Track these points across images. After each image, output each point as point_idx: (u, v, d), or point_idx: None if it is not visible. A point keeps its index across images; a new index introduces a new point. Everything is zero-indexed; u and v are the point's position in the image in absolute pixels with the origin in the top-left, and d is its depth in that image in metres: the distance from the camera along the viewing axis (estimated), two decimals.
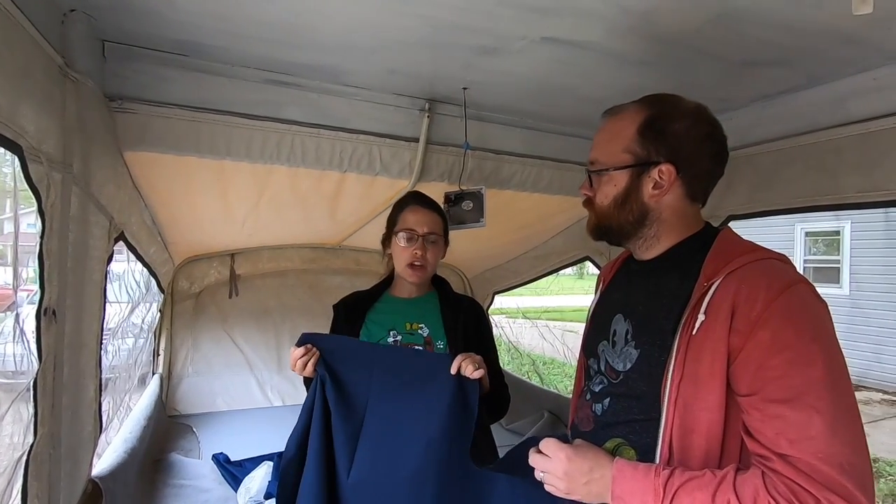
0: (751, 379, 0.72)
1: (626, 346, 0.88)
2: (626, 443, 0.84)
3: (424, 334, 1.39)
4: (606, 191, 0.90)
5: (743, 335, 0.73)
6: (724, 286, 0.77)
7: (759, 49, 1.21)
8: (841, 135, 1.36)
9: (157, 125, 1.39)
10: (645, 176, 0.87)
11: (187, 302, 2.58)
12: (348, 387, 1.19)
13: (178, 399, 2.45)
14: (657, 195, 0.87)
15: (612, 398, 0.89)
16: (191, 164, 1.50)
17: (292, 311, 2.81)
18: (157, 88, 1.38)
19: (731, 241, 0.85)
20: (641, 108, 0.89)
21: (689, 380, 0.76)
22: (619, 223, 0.90)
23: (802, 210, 1.49)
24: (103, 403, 1.38)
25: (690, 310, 0.79)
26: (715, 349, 0.74)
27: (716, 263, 0.80)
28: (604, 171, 0.90)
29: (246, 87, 1.46)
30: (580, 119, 1.80)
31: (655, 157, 0.86)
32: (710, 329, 0.75)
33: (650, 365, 0.83)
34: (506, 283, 2.94)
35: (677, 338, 0.79)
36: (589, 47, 1.23)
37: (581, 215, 2.25)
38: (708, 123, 0.87)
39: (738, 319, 0.74)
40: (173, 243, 2.15)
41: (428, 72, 1.43)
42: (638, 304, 0.91)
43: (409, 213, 1.42)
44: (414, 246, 1.37)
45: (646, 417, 0.82)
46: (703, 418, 0.75)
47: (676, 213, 0.88)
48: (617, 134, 0.89)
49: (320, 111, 1.56)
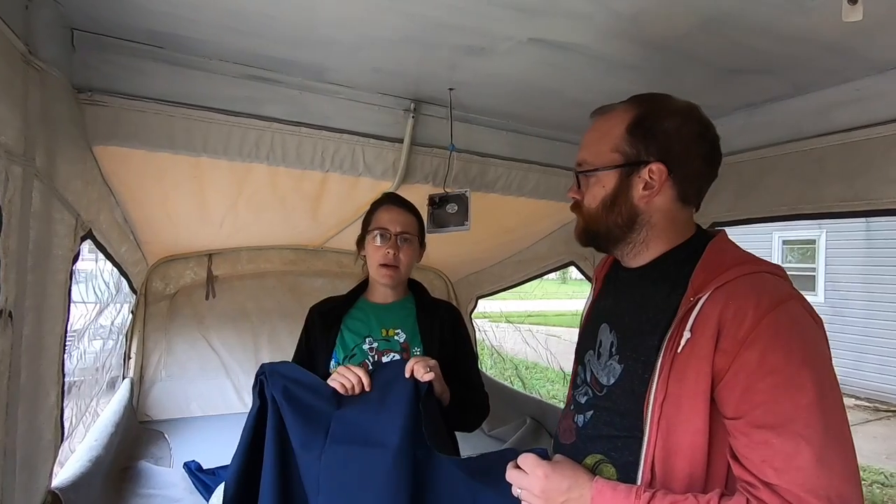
0: (737, 402, 0.69)
1: (611, 360, 0.85)
2: (607, 459, 0.81)
3: (401, 340, 1.35)
4: (595, 192, 0.87)
5: (729, 356, 0.70)
6: (711, 301, 0.73)
7: (746, 56, 1.21)
8: (824, 144, 1.37)
9: (130, 119, 1.33)
10: (635, 176, 0.83)
11: (161, 303, 2.49)
12: (309, 410, 1.15)
13: (150, 404, 2.36)
14: (647, 196, 0.83)
15: (595, 411, 0.86)
16: (165, 161, 1.44)
17: (272, 314, 2.74)
18: (130, 81, 1.32)
19: (722, 250, 0.81)
20: (631, 107, 0.86)
21: (672, 400, 0.73)
22: (606, 227, 0.86)
23: (785, 218, 1.50)
24: (66, 410, 1.31)
25: (676, 326, 0.75)
26: (699, 369, 0.71)
27: (704, 276, 0.76)
28: (592, 171, 0.87)
29: (224, 82, 1.41)
30: (566, 123, 1.79)
31: (645, 157, 0.82)
32: (695, 348, 0.72)
33: (633, 382, 0.79)
34: (490, 288, 2.92)
35: (661, 355, 0.75)
36: (577, 50, 1.21)
37: (566, 220, 2.25)
38: (699, 123, 0.85)
39: (725, 339, 0.70)
40: (147, 243, 2.08)
41: (413, 71, 1.40)
42: (624, 315, 0.87)
43: (383, 211, 1.39)
44: (386, 245, 1.34)
45: (628, 435, 0.79)
46: (686, 441, 0.72)
47: (667, 217, 0.85)
48: (606, 133, 0.86)
49: (301, 109, 1.51)
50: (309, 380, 1.17)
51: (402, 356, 1.32)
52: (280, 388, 1.15)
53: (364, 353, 1.33)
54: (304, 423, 1.13)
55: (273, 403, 1.15)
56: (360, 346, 1.33)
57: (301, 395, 1.15)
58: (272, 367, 1.18)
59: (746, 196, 1.59)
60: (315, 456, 1.11)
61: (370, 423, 1.12)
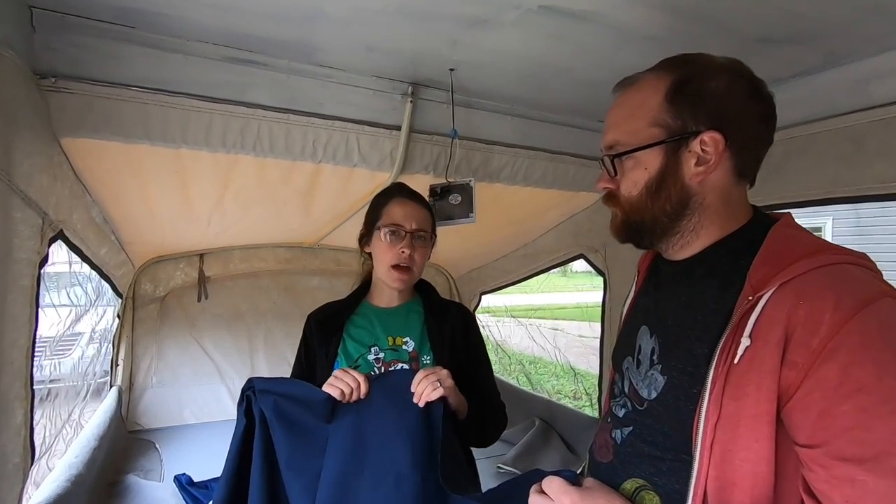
0: (812, 428, 0.55)
1: (652, 370, 0.72)
2: (650, 486, 0.69)
3: (409, 349, 1.22)
4: (635, 177, 0.73)
5: (800, 370, 0.56)
6: (776, 301, 0.59)
7: (779, 21, 1.09)
8: (861, 120, 1.25)
9: (100, 108, 1.21)
10: (683, 151, 0.69)
11: (151, 306, 2.38)
12: (303, 428, 1.04)
13: (141, 412, 2.25)
14: (702, 173, 0.69)
15: (634, 427, 0.74)
16: (142, 154, 1.32)
17: (267, 315, 2.64)
18: (99, 65, 1.20)
19: (788, 237, 0.67)
20: (663, 72, 0.72)
21: (728, 421, 0.59)
22: (653, 216, 0.72)
23: (817, 203, 1.38)
24: (37, 427, 1.19)
25: (731, 331, 0.62)
26: (762, 385, 0.58)
27: (766, 269, 0.62)
28: (628, 153, 0.72)
29: (203, 66, 1.29)
30: (575, 106, 1.67)
31: (694, 126, 0.68)
32: (755, 358, 0.58)
33: (678, 398, 0.66)
34: (493, 284, 2.80)
35: (713, 367, 0.62)
36: (591, 19, 1.09)
37: (574, 210, 2.13)
38: (749, 78, 0.71)
39: (795, 348, 0.56)
40: (131, 243, 1.96)
41: (410, 49, 1.27)
42: (666, 316, 0.74)
43: (395, 205, 1.24)
44: (400, 244, 1.19)
45: (675, 459, 0.66)
46: (746, 471, 0.58)
47: (722, 197, 0.71)
48: (639, 106, 0.72)
49: (289, 94, 1.39)
50: (302, 393, 1.05)
51: (412, 366, 1.20)
52: (270, 404, 1.03)
53: (369, 365, 1.20)
54: (295, 442, 1.02)
55: (262, 422, 1.04)
56: (364, 356, 1.20)
57: (292, 410, 1.04)
58: (261, 381, 1.07)
59: (772, 180, 1.47)
60: (310, 478, 1.00)
61: (372, 444, 1.00)
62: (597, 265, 2.06)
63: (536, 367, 6.78)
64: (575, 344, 6.90)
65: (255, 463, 1.02)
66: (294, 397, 1.05)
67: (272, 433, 1.04)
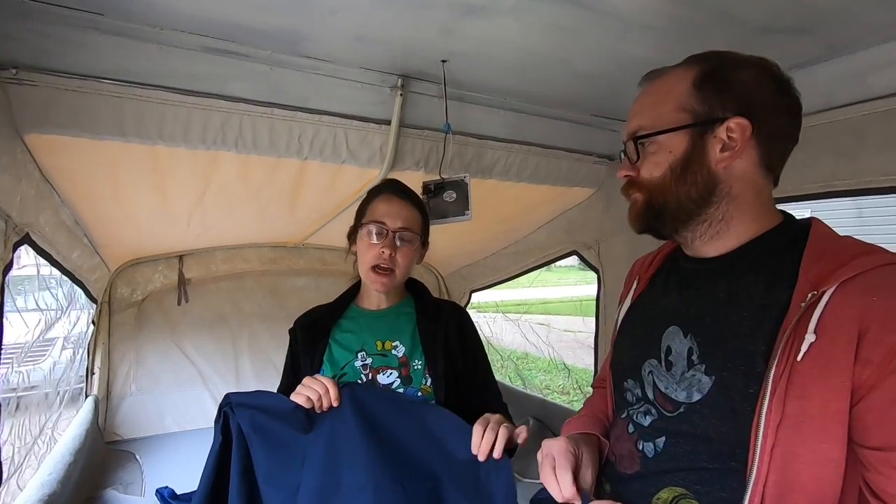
0: (890, 428, 0.54)
1: (692, 371, 0.69)
2: (691, 495, 0.65)
3: (399, 354, 1.16)
4: (658, 160, 0.71)
5: (877, 367, 0.55)
6: (840, 297, 0.58)
7: (782, 11, 1.06)
8: (861, 112, 1.23)
9: (67, 102, 1.13)
10: (709, 136, 0.68)
11: (128, 311, 2.27)
12: (281, 441, 0.99)
13: (119, 422, 2.15)
14: (727, 159, 0.68)
15: (668, 437, 0.70)
16: (115, 151, 1.24)
17: (251, 318, 2.54)
18: (65, 56, 1.11)
19: (833, 237, 0.66)
20: (691, 65, 0.72)
21: (792, 422, 0.57)
22: (677, 199, 0.70)
23: (816, 196, 1.36)
24: (5, 447, 1.11)
25: (793, 327, 0.59)
26: (831, 383, 0.56)
27: (822, 265, 0.61)
28: (652, 135, 0.71)
29: (181, 57, 1.21)
30: (570, 100, 1.62)
31: (721, 112, 0.68)
32: (823, 354, 0.57)
33: (733, 399, 0.63)
34: (484, 281, 2.76)
35: (774, 364, 0.59)
36: (591, 6, 1.05)
37: (567, 206, 2.09)
38: (776, 75, 0.71)
39: (870, 345, 0.55)
40: (105, 246, 1.86)
41: (401, 38, 1.21)
42: (704, 315, 0.71)
43: (381, 202, 1.18)
44: (381, 243, 1.14)
45: (722, 466, 0.63)
46: (810, 474, 0.57)
47: (750, 187, 0.70)
48: (666, 93, 0.72)
49: (273, 87, 1.32)
50: (281, 406, 0.99)
51: (402, 373, 1.14)
52: (247, 418, 0.98)
53: (356, 372, 1.14)
54: (273, 456, 0.97)
55: (239, 437, 0.98)
56: (351, 363, 1.15)
57: (269, 423, 0.99)
58: (237, 395, 1.02)
59: None
60: (289, 493, 0.95)
61: (347, 456, 0.95)
62: (590, 262, 2.03)
63: (524, 362, 6.78)
64: (560, 339, 6.92)
65: (233, 479, 0.97)
66: (269, 410, 1.00)
67: (250, 447, 0.99)
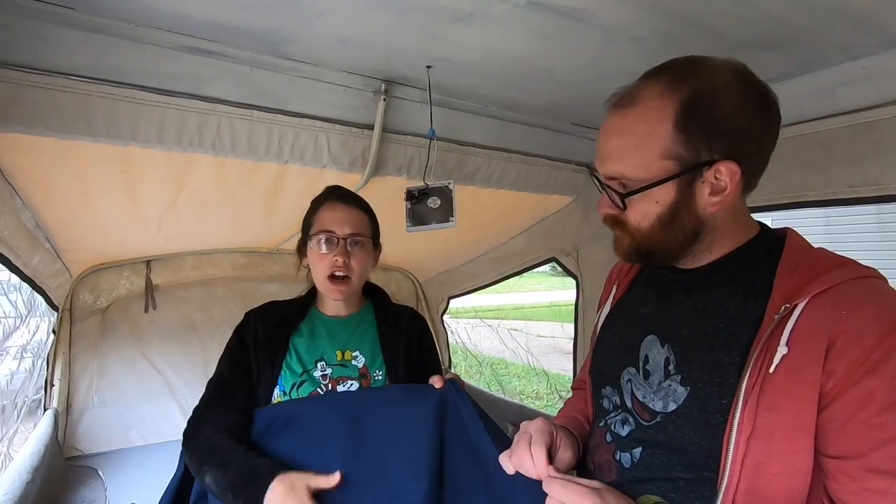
0: (848, 438, 0.55)
1: (668, 381, 0.69)
2: (666, 502, 0.66)
3: (359, 365, 1.15)
4: (644, 209, 0.68)
5: (842, 379, 0.56)
6: (812, 310, 0.59)
7: (761, 26, 1.10)
8: (829, 126, 1.29)
9: (33, 99, 1.07)
10: (697, 182, 0.66)
11: (91, 319, 2.16)
12: None
13: (80, 436, 2.04)
14: (717, 204, 0.66)
15: (645, 447, 0.70)
16: (84, 151, 1.18)
17: (222, 325, 2.46)
18: (32, 50, 1.06)
19: (807, 249, 0.67)
20: (669, 90, 0.65)
21: (763, 433, 0.58)
22: (665, 245, 0.70)
23: (787, 207, 1.41)
24: None
25: (766, 339, 0.60)
26: (802, 395, 0.57)
27: (795, 279, 0.62)
28: (641, 190, 0.67)
29: (156, 55, 1.16)
30: (550, 108, 1.64)
31: (709, 155, 0.64)
32: (794, 367, 0.58)
33: (705, 410, 0.64)
34: (462, 287, 2.75)
35: (747, 376, 0.60)
36: (578, 17, 1.06)
37: (546, 213, 2.11)
38: (757, 88, 0.67)
39: (837, 358, 0.56)
40: (68, 251, 1.77)
41: (386, 43, 1.20)
42: (681, 325, 0.72)
43: (325, 210, 1.18)
44: (333, 252, 1.13)
45: (696, 476, 0.64)
46: (780, 485, 0.57)
47: (732, 215, 0.70)
48: (646, 135, 0.66)
49: (253, 89, 1.29)
50: None
51: (362, 384, 1.13)
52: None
53: (315, 382, 1.12)
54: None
55: None
56: (310, 372, 1.13)
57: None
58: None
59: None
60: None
61: None
62: (569, 268, 2.06)
63: (498, 368, 6.80)
64: (534, 344, 6.98)
65: None
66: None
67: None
